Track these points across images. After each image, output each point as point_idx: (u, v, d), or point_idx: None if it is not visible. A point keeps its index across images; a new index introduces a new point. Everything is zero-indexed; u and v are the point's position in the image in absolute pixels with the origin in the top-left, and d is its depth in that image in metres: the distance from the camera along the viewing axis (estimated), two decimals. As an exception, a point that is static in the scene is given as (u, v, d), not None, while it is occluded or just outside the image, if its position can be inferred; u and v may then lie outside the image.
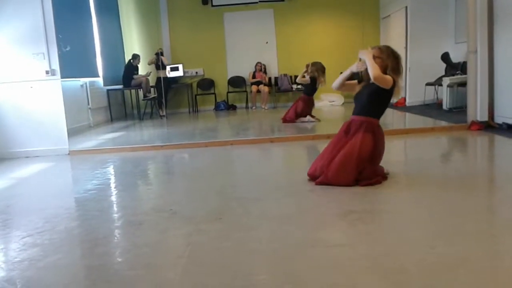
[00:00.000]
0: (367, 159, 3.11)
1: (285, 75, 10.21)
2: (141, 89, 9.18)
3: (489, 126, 5.42)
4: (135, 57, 9.21)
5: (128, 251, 2.26)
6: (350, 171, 3.07)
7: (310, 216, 2.64)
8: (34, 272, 2.04)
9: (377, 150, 3.16)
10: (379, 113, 3.23)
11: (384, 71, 3.14)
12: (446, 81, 7.23)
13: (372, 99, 3.20)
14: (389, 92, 3.16)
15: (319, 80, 6.81)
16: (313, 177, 3.24)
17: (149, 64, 9.49)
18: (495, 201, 2.89)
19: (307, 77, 6.93)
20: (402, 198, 2.94)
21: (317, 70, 6.81)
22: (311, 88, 6.99)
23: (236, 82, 10.48)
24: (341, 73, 3.43)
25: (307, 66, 6.93)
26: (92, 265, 2.12)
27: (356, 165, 3.07)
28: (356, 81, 3.42)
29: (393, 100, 3.22)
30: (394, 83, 3.14)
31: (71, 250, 2.33)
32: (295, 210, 2.76)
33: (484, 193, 3.07)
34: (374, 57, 3.14)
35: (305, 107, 6.90)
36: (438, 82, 7.77)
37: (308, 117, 6.87)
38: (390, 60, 3.16)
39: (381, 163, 3.32)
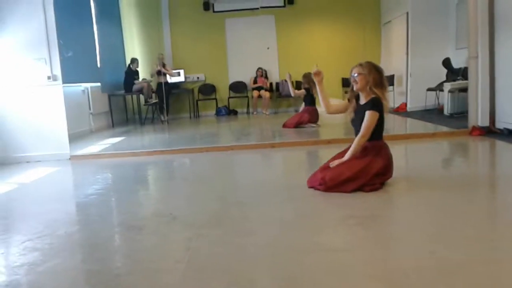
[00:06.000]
0: (378, 174, 3.11)
1: (286, 80, 10.22)
2: (143, 94, 9.20)
3: (490, 132, 5.41)
4: (133, 61, 9.23)
5: (127, 256, 2.26)
6: (357, 184, 3.06)
7: (309, 221, 2.64)
8: (34, 277, 2.04)
9: (389, 167, 3.17)
10: (379, 134, 3.19)
11: (366, 87, 3.14)
12: (447, 86, 7.23)
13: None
14: (380, 113, 3.14)
15: (313, 90, 6.96)
16: (313, 186, 3.23)
17: (152, 76, 9.54)
18: (495, 206, 2.89)
19: (302, 90, 7.18)
20: (402, 203, 2.94)
21: (309, 82, 6.99)
22: (310, 99, 7.08)
23: (237, 88, 10.50)
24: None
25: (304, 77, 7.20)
26: (91, 269, 2.12)
27: (367, 181, 3.06)
28: (344, 102, 3.41)
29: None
30: (382, 105, 3.11)
31: (71, 254, 2.33)
32: (295, 215, 2.76)
33: (484, 199, 3.06)
34: (358, 74, 3.15)
35: (311, 118, 6.97)
36: (439, 88, 7.77)
37: (308, 124, 6.90)
38: (372, 76, 3.13)
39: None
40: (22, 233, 2.69)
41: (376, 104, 3.11)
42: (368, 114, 3.09)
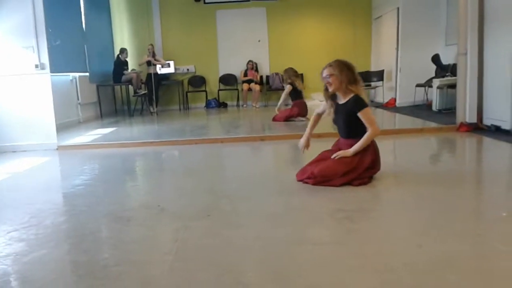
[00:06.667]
0: (368, 168, 3.13)
1: (277, 73, 10.22)
2: (132, 85, 9.13)
3: (478, 128, 5.46)
4: (123, 51, 9.15)
5: (115, 247, 2.24)
6: (346, 179, 3.07)
7: (298, 214, 2.65)
8: (19, 267, 2.02)
9: (377, 161, 3.19)
10: (364, 130, 3.14)
11: (341, 86, 3.12)
12: (436, 82, 7.28)
13: (350, 123, 3.17)
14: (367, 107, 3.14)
15: (296, 84, 6.91)
16: (302, 179, 3.24)
17: (140, 65, 9.49)
18: (482, 201, 2.92)
19: (286, 88, 7.02)
20: (390, 197, 2.96)
21: (290, 76, 6.95)
22: (296, 93, 7.01)
23: (228, 80, 10.46)
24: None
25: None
26: (78, 260, 2.10)
27: (356, 176, 3.08)
28: (325, 103, 3.38)
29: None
30: (364, 100, 3.11)
31: (58, 245, 2.30)
32: (284, 209, 2.76)
33: (471, 193, 3.09)
34: (330, 76, 3.11)
35: (301, 111, 6.94)
36: (428, 84, 7.82)
37: (298, 117, 6.89)
38: (344, 74, 3.10)
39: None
40: (8, 223, 2.66)
41: (360, 102, 3.11)
42: (362, 114, 3.08)
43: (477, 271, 1.82)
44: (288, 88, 6.96)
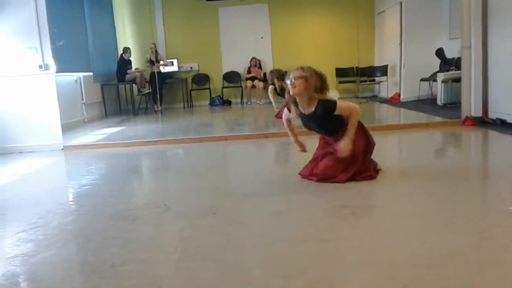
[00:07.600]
0: (363, 151, 3.11)
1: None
2: (136, 84, 9.15)
3: (483, 122, 5.44)
4: (126, 50, 9.17)
5: (121, 246, 2.25)
6: (350, 173, 3.07)
7: (302, 211, 2.65)
8: (27, 268, 2.03)
9: (369, 140, 3.16)
10: (343, 120, 3.09)
11: (305, 92, 3.00)
12: (441, 76, 7.25)
13: (326, 126, 3.14)
14: (335, 103, 3.06)
15: (280, 85, 6.90)
16: (305, 177, 3.24)
17: (147, 66, 9.50)
18: (487, 196, 2.91)
19: (270, 89, 7.16)
20: (394, 193, 2.96)
21: (273, 78, 7.02)
22: (284, 92, 6.99)
23: (231, 78, 10.47)
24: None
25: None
26: (85, 260, 2.12)
27: (359, 167, 3.07)
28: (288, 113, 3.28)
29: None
30: (330, 99, 3.04)
31: (65, 245, 2.32)
32: (288, 206, 2.77)
33: (475, 188, 3.08)
34: (297, 78, 2.98)
35: None
36: (432, 78, 7.79)
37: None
38: (313, 80, 2.98)
39: (375, 158, 3.33)
40: (15, 224, 2.68)
41: (330, 104, 3.02)
42: (339, 111, 3.01)
43: (483, 266, 1.82)
44: (270, 88, 7.09)
